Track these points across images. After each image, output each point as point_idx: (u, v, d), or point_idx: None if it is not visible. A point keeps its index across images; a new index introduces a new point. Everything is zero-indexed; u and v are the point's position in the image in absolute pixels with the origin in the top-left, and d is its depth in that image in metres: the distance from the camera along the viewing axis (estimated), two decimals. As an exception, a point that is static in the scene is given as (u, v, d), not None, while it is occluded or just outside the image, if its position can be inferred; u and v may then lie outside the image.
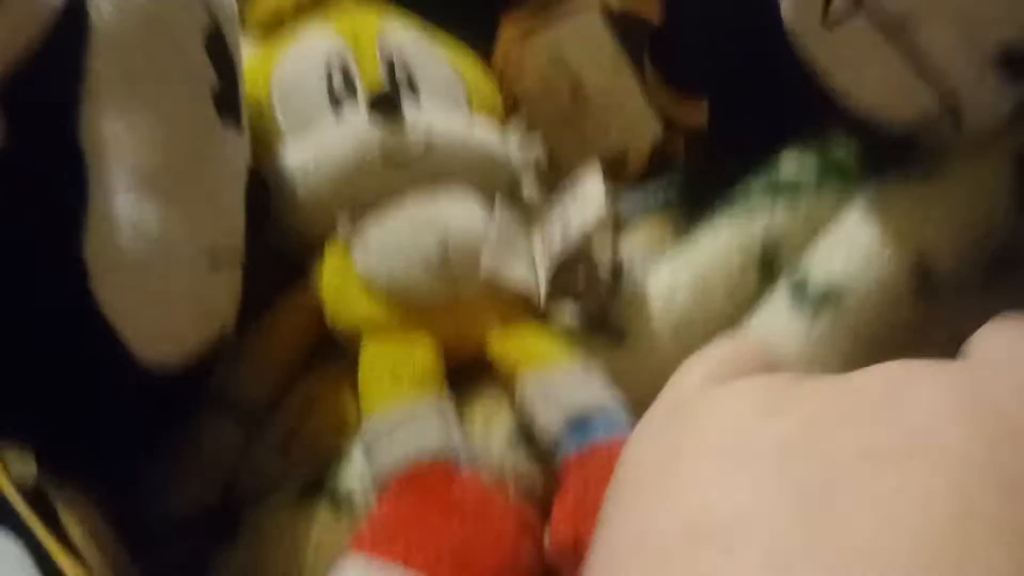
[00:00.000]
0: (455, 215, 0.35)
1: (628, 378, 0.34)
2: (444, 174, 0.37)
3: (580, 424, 0.30)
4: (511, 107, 0.49)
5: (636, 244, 0.44)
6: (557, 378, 0.32)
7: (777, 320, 0.34)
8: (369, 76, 0.40)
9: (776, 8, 0.35)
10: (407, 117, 0.37)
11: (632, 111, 0.46)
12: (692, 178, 0.51)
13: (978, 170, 0.38)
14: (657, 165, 0.47)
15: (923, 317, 0.36)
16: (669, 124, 0.46)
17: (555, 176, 0.49)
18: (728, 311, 0.36)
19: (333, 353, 0.37)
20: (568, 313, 0.36)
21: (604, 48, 0.44)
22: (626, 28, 0.44)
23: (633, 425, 0.25)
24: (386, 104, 0.36)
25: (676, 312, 0.35)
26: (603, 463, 0.28)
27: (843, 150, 0.41)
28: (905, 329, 0.36)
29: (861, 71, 0.36)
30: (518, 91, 0.48)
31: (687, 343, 0.35)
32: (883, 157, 0.41)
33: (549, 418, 0.31)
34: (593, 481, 0.28)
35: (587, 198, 0.35)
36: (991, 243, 0.38)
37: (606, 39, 0.44)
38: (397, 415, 0.31)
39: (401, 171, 0.36)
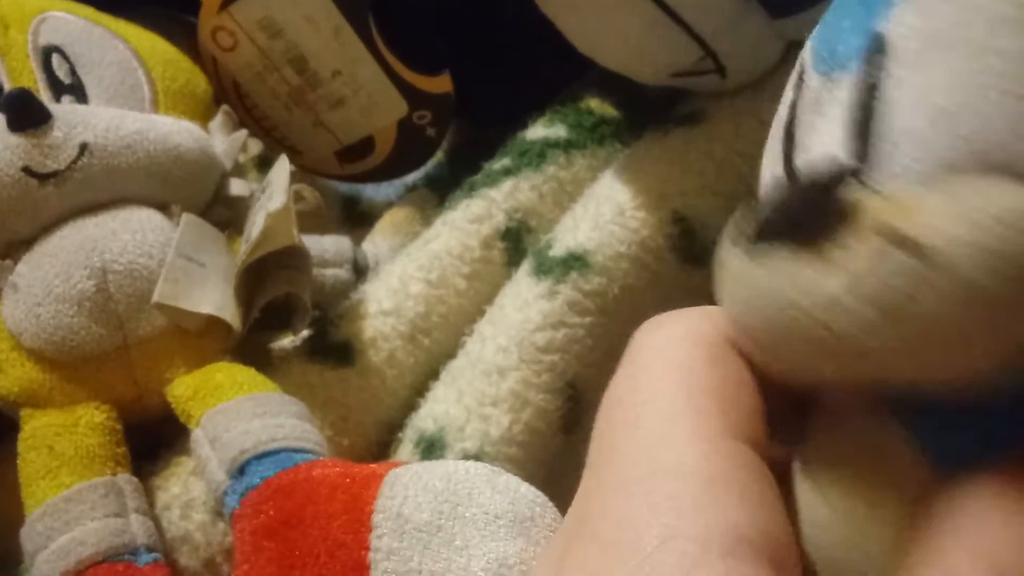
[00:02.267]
0: (118, 237, 0.28)
1: (365, 398, 0.30)
2: (113, 185, 0.30)
3: (241, 470, 0.25)
4: (233, 93, 0.42)
5: (382, 234, 0.39)
6: (229, 417, 0.25)
7: (521, 294, 0.31)
8: (17, 73, 0.32)
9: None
10: (56, 116, 0.29)
11: (369, 86, 0.40)
12: (453, 153, 0.46)
13: (741, 115, 0.35)
14: (411, 142, 0.42)
15: (693, 281, 0.33)
16: (413, 97, 0.40)
17: (297, 164, 0.43)
18: (471, 296, 0.32)
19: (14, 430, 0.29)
20: (288, 340, 0.31)
21: (320, 9, 0.38)
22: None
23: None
24: (21, 102, 0.29)
25: (410, 310, 0.30)
26: (260, 507, 0.23)
27: (598, 112, 0.37)
28: (669, 294, 0.33)
29: (604, 20, 0.32)
30: (237, 72, 0.41)
31: (427, 347, 0.31)
32: (644, 115, 0.38)
33: (213, 469, 0.25)
34: (251, 532, 0.23)
35: (272, 187, 0.29)
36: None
37: None
38: (55, 510, 0.24)
39: (56, 187, 0.29)
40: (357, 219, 0.45)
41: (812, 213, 0.16)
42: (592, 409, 0.31)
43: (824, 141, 0.17)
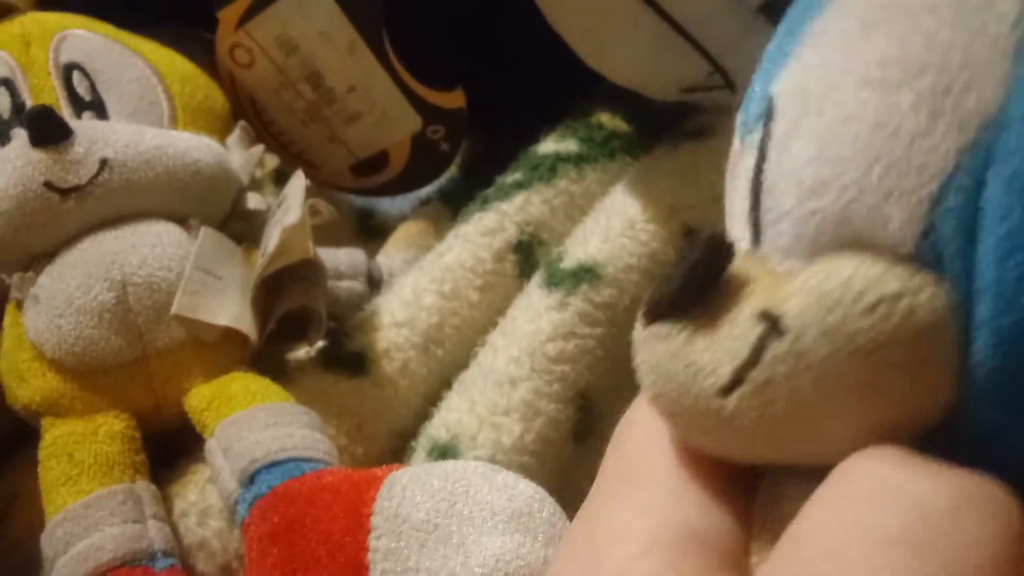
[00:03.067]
0: (137, 250, 0.29)
1: (379, 408, 0.30)
2: (132, 200, 0.30)
3: (251, 479, 0.25)
4: (250, 109, 0.43)
5: (395, 247, 0.39)
6: (241, 427, 0.26)
7: (532, 305, 0.31)
8: (39, 90, 0.33)
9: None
10: (77, 132, 0.30)
11: (383, 101, 0.41)
12: (466, 167, 0.46)
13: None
14: (425, 157, 0.42)
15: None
16: (427, 112, 0.41)
17: (313, 178, 0.44)
18: (483, 308, 0.33)
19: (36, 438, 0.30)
20: (304, 351, 0.31)
21: (336, 26, 0.39)
22: (356, 3, 0.39)
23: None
24: (42, 119, 0.29)
25: (423, 321, 0.31)
26: (266, 515, 0.24)
27: (609, 126, 0.38)
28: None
29: (613, 37, 0.33)
30: (254, 88, 0.42)
31: (440, 357, 0.31)
32: (655, 129, 0.39)
33: (226, 478, 0.25)
34: (258, 539, 0.23)
35: (288, 201, 0.29)
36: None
37: (335, 15, 0.39)
38: (74, 516, 0.25)
39: (77, 201, 0.29)
40: (371, 232, 0.46)
41: (700, 289, 0.16)
42: (603, 419, 0.32)
43: (734, 215, 0.18)
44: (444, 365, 0.31)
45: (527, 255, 0.33)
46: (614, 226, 0.32)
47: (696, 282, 0.16)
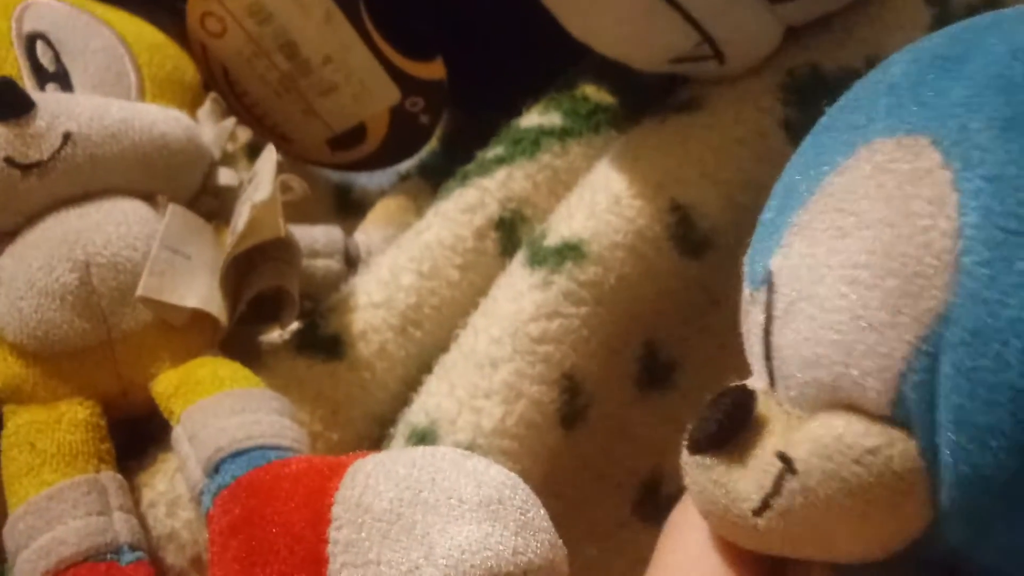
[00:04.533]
0: (101, 229, 0.28)
1: (355, 392, 0.29)
2: (97, 175, 0.29)
3: (216, 468, 0.24)
4: (223, 81, 0.41)
5: (374, 224, 0.38)
6: (207, 414, 0.25)
7: (514, 284, 0.30)
8: (1, 62, 0.31)
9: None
10: (39, 105, 0.28)
11: (360, 73, 0.39)
12: (447, 141, 0.45)
13: (741, 103, 0.34)
14: (404, 130, 0.41)
15: (691, 272, 0.33)
16: (406, 84, 0.40)
17: (289, 152, 0.43)
18: (464, 288, 0.32)
19: None
20: (277, 334, 0.30)
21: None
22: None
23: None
24: (3, 91, 0.28)
25: (401, 301, 0.30)
26: (228, 506, 0.23)
27: (594, 98, 0.37)
28: (667, 285, 0.32)
29: (598, 6, 0.32)
30: (227, 59, 0.40)
31: (419, 339, 0.30)
32: (642, 101, 0.37)
33: (191, 467, 0.25)
34: (220, 531, 0.22)
35: (258, 177, 0.28)
36: (769, 190, 0.34)
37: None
38: (36, 508, 0.24)
39: (39, 178, 0.28)
40: (350, 208, 0.45)
41: (733, 432, 0.20)
42: (594, 403, 0.31)
43: (752, 352, 0.22)
44: (424, 348, 0.30)
45: (510, 232, 0.32)
46: (599, 202, 0.31)
47: (729, 426, 0.20)
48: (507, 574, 0.19)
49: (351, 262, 0.36)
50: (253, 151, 0.42)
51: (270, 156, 0.29)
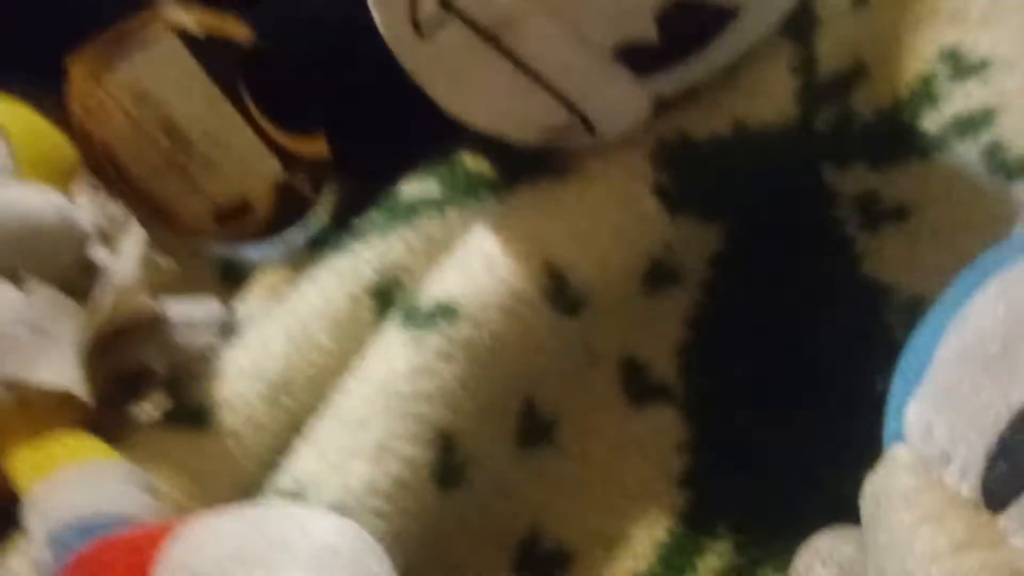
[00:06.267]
0: (-41, 308, 0.27)
1: (221, 462, 0.29)
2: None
3: (61, 543, 0.24)
4: (105, 159, 0.41)
5: (257, 296, 0.38)
6: (55, 488, 0.25)
7: (387, 345, 0.30)
8: None
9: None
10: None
11: (241, 149, 0.40)
12: (338, 215, 0.46)
13: (614, 169, 0.36)
14: (288, 203, 0.41)
15: (567, 331, 0.33)
16: (288, 159, 0.40)
17: (175, 227, 0.42)
18: (337, 355, 0.32)
19: None
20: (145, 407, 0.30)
21: (191, 77, 0.38)
22: (212, 53, 0.38)
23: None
24: None
25: (270, 369, 0.30)
26: None
27: (472, 167, 0.38)
28: (543, 343, 0.33)
29: (468, 84, 0.33)
30: (108, 139, 0.40)
31: (290, 408, 0.30)
32: (519, 168, 0.39)
33: (39, 545, 0.24)
34: None
35: (123, 259, 0.28)
36: (642, 251, 0.35)
37: (190, 66, 0.38)
38: None
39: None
40: (237, 281, 0.44)
41: None
42: (472, 462, 0.31)
43: None
44: (295, 416, 0.30)
45: (385, 299, 0.33)
46: (473, 264, 0.32)
47: None
48: None
49: (231, 335, 0.35)
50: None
51: (136, 236, 0.29)
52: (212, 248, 0.46)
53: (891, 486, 0.21)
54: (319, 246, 0.43)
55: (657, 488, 0.33)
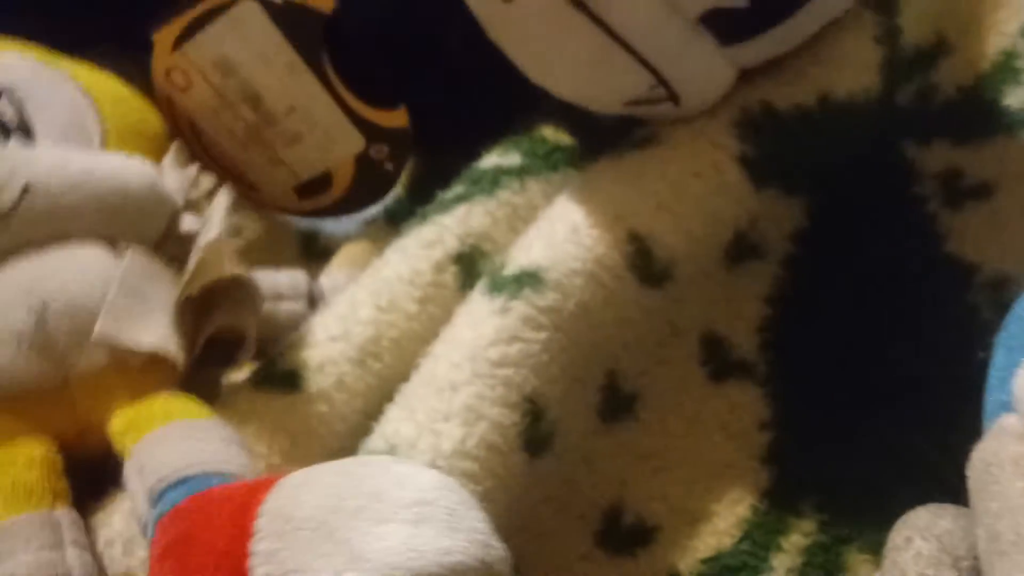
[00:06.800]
0: (59, 275, 0.28)
1: (313, 424, 0.29)
2: (58, 224, 0.30)
3: (160, 498, 0.24)
4: (189, 131, 0.42)
5: (339, 268, 0.39)
6: (153, 445, 0.25)
7: (474, 311, 0.31)
8: (-36, 116, 0.32)
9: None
10: (-2, 157, 0.29)
11: (325, 121, 0.40)
12: (413, 188, 0.46)
13: (697, 138, 0.35)
14: (369, 177, 0.42)
15: (651, 303, 0.33)
16: (370, 131, 0.40)
17: (256, 200, 0.43)
18: (423, 320, 0.32)
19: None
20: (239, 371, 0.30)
21: (273, 45, 0.38)
22: (294, 21, 0.38)
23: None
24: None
25: (359, 334, 0.30)
26: (161, 534, 0.23)
27: (552, 139, 0.38)
28: (627, 314, 0.33)
29: (553, 50, 0.33)
30: (192, 109, 0.41)
31: (378, 371, 0.30)
32: (599, 140, 0.38)
33: (140, 502, 0.25)
34: (155, 559, 0.22)
35: (210, 221, 0.29)
36: (727, 222, 0.35)
37: (272, 34, 0.38)
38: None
39: (0, 228, 0.29)
40: (316, 255, 0.45)
41: None
42: (559, 432, 0.31)
43: None
44: (383, 379, 0.30)
45: (469, 267, 0.33)
46: (557, 232, 0.32)
47: None
48: (434, 575, 0.18)
49: (315, 305, 0.36)
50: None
51: (223, 200, 0.30)
52: (292, 221, 0.46)
53: (1003, 454, 0.21)
54: (396, 219, 0.44)
55: (740, 465, 0.33)
